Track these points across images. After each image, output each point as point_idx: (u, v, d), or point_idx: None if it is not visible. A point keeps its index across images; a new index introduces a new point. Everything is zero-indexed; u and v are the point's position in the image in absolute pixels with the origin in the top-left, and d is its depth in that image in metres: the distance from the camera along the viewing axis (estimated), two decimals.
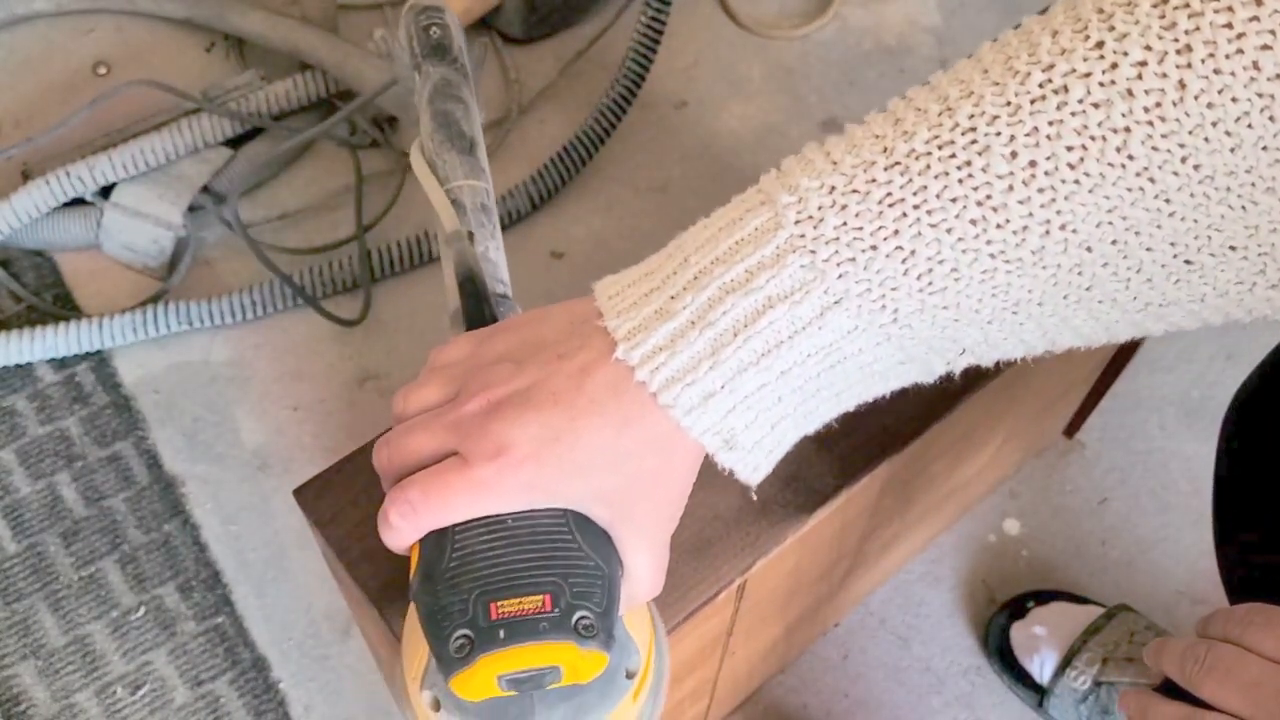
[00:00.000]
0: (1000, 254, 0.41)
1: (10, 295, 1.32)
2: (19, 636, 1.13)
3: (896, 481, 0.80)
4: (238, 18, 1.43)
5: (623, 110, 1.38)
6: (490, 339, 0.49)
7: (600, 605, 0.45)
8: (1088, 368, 1.10)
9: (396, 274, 1.34)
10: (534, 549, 0.44)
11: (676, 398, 0.43)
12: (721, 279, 0.43)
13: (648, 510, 0.46)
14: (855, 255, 0.41)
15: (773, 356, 0.43)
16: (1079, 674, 1.05)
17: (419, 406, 0.48)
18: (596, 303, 0.46)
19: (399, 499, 0.45)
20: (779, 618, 0.90)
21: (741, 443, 0.45)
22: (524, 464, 0.44)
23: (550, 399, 0.44)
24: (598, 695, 0.48)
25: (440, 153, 0.69)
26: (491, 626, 0.43)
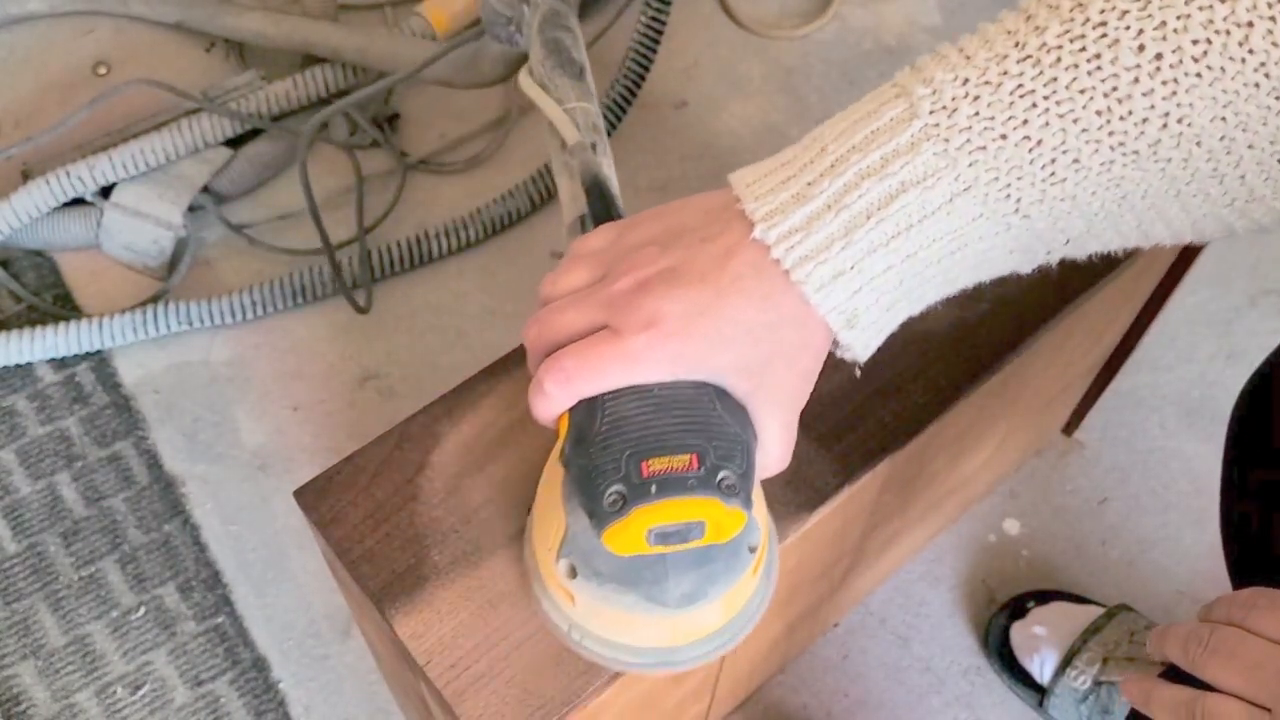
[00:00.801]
0: (1120, 145, 0.43)
1: (10, 295, 1.32)
2: (19, 636, 1.13)
3: (896, 479, 0.80)
4: (233, 19, 1.42)
5: (623, 110, 1.38)
6: (633, 227, 0.52)
7: (740, 468, 0.48)
8: (1086, 365, 1.10)
9: (396, 274, 1.34)
10: (680, 414, 0.48)
11: (809, 275, 0.46)
12: (858, 165, 0.45)
13: (782, 384, 0.49)
14: (986, 144, 0.44)
15: (901, 239, 0.46)
16: (1079, 674, 1.05)
17: (567, 288, 0.52)
18: (734, 191, 0.49)
19: (554, 367, 0.49)
20: (779, 616, 0.90)
21: (862, 322, 0.48)
22: (673, 336, 0.47)
23: (697, 276, 0.47)
24: (724, 565, 0.53)
25: (552, 77, 0.74)
26: (644, 483, 0.47)
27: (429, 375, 1.28)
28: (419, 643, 0.60)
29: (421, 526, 0.64)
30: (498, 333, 1.31)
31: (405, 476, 0.66)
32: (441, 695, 0.59)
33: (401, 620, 0.61)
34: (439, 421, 0.68)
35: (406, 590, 0.62)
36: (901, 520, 0.97)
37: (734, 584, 0.54)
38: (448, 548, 0.63)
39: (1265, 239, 1.41)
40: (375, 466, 0.66)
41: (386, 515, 0.64)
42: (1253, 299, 1.37)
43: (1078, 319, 0.81)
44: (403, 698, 0.90)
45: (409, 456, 0.67)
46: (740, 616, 0.57)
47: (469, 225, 1.35)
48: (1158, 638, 0.59)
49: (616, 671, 0.59)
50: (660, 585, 0.52)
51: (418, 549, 0.63)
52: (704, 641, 0.57)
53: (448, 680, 0.59)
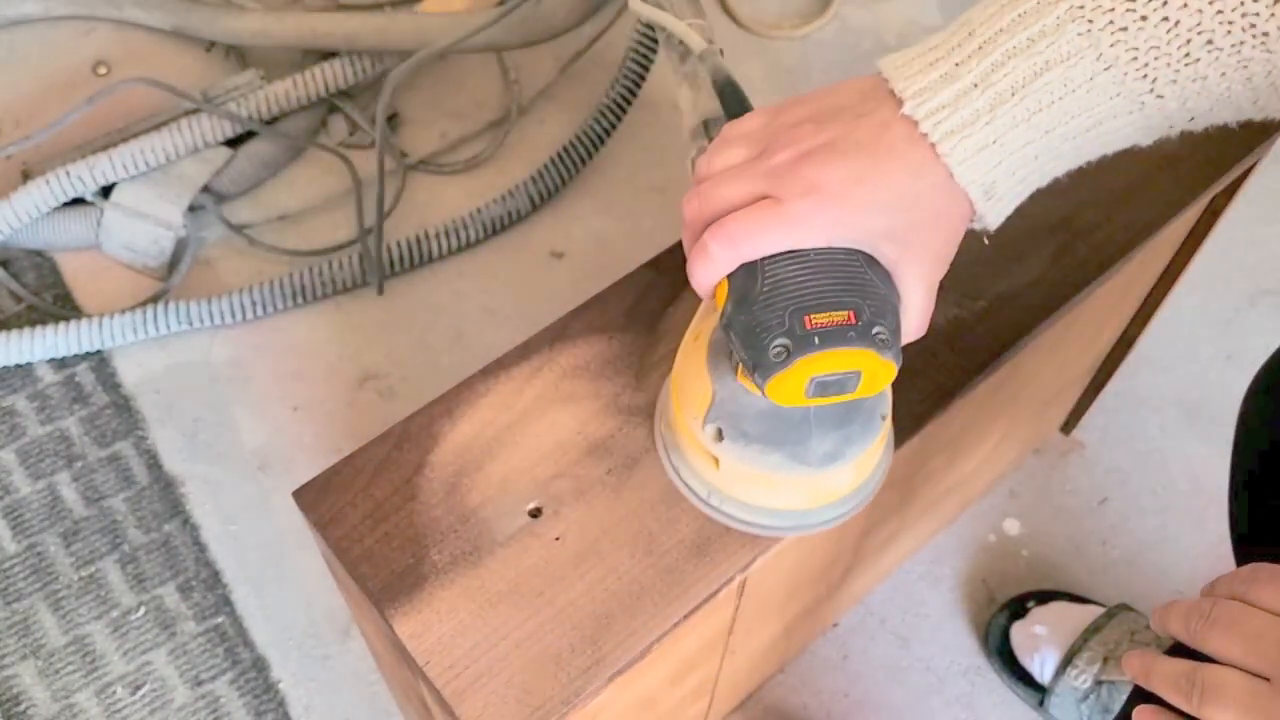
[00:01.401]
0: (1252, 26, 0.45)
1: (10, 295, 1.32)
2: (19, 636, 1.13)
3: (895, 478, 0.80)
4: (232, 21, 1.42)
5: (623, 110, 1.38)
6: (786, 109, 0.54)
7: (891, 325, 0.51)
8: (1084, 365, 1.10)
9: (397, 274, 1.34)
10: (836, 276, 0.51)
11: (954, 147, 0.49)
12: (1005, 45, 0.48)
13: (927, 251, 0.52)
14: (1127, 24, 0.46)
15: (1043, 115, 0.48)
16: (1079, 673, 1.05)
17: (724, 164, 0.54)
18: (883, 74, 0.51)
19: (718, 233, 0.52)
20: (779, 616, 0.90)
21: (998, 193, 0.51)
22: (833, 201, 0.50)
23: (855, 147, 0.50)
24: (861, 427, 0.58)
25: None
26: (807, 334, 0.50)
27: (429, 375, 1.28)
28: (418, 642, 0.60)
29: (421, 526, 0.64)
30: (498, 333, 1.31)
31: (404, 476, 0.66)
32: (441, 695, 0.59)
33: (401, 620, 0.61)
34: (438, 421, 0.68)
35: (406, 590, 0.62)
36: (900, 519, 0.97)
37: (868, 447, 0.59)
38: (447, 547, 0.63)
39: (1264, 239, 1.41)
40: (374, 466, 0.66)
41: (386, 515, 0.64)
42: (1253, 299, 1.37)
43: (1075, 318, 0.81)
44: (402, 698, 0.90)
45: (408, 456, 0.66)
46: (869, 481, 0.62)
47: (469, 225, 1.35)
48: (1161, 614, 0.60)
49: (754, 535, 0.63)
50: (804, 444, 0.57)
51: (417, 549, 0.63)
52: (836, 504, 0.61)
53: (447, 680, 0.59)
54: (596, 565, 0.63)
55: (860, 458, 0.59)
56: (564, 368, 0.70)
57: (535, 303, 1.32)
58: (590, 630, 0.61)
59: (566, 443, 0.67)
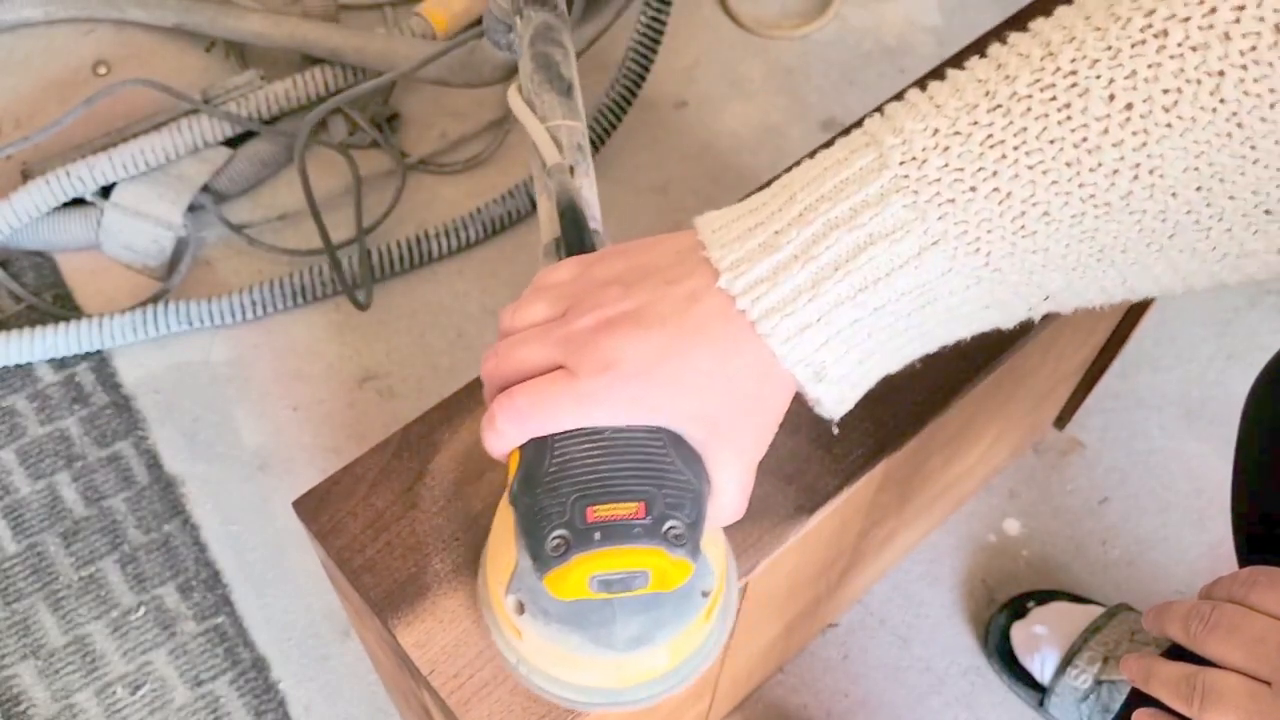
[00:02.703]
0: (1091, 197, 0.42)
1: (10, 295, 1.32)
2: (19, 636, 1.13)
3: (893, 479, 0.81)
4: (234, 21, 1.42)
5: (623, 110, 1.37)
6: (598, 262, 0.51)
7: (689, 518, 0.47)
8: (1077, 361, 1.10)
9: (396, 274, 1.34)
10: (630, 460, 0.47)
11: (775, 327, 0.45)
12: (826, 215, 0.45)
13: (740, 433, 0.48)
14: (955, 196, 0.43)
15: (869, 292, 0.45)
16: (1080, 673, 1.05)
17: (527, 322, 0.50)
18: (699, 236, 0.48)
19: (507, 405, 0.48)
20: (778, 616, 0.91)
21: (831, 375, 0.47)
22: (630, 379, 0.46)
23: (658, 320, 0.46)
24: (674, 610, 0.52)
25: (539, 93, 0.72)
26: (588, 528, 0.46)
27: (429, 375, 1.28)
28: (422, 652, 0.60)
29: (422, 535, 0.64)
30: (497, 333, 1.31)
31: (404, 485, 0.66)
32: (446, 704, 0.59)
33: (404, 630, 0.61)
34: (437, 429, 0.68)
35: (408, 599, 0.62)
36: (898, 519, 0.97)
37: (684, 628, 0.53)
38: (449, 555, 0.63)
39: None
40: (374, 475, 0.66)
41: (387, 524, 0.64)
42: (1253, 299, 1.37)
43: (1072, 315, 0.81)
44: (403, 704, 0.90)
45: (408, 464, 0.66)
46: (691, 660, 0.56)
47: (469, 225, 1.35)
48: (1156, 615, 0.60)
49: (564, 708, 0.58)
50: (607, 628, 0.51)
51: (419, 557, 0.63)
52: (651, 684, 0.56)
53: (452, 689, 0.59)
54: None
55: (675, 639, 0.53)
56: None
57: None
58: None
59: None
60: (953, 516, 1.21)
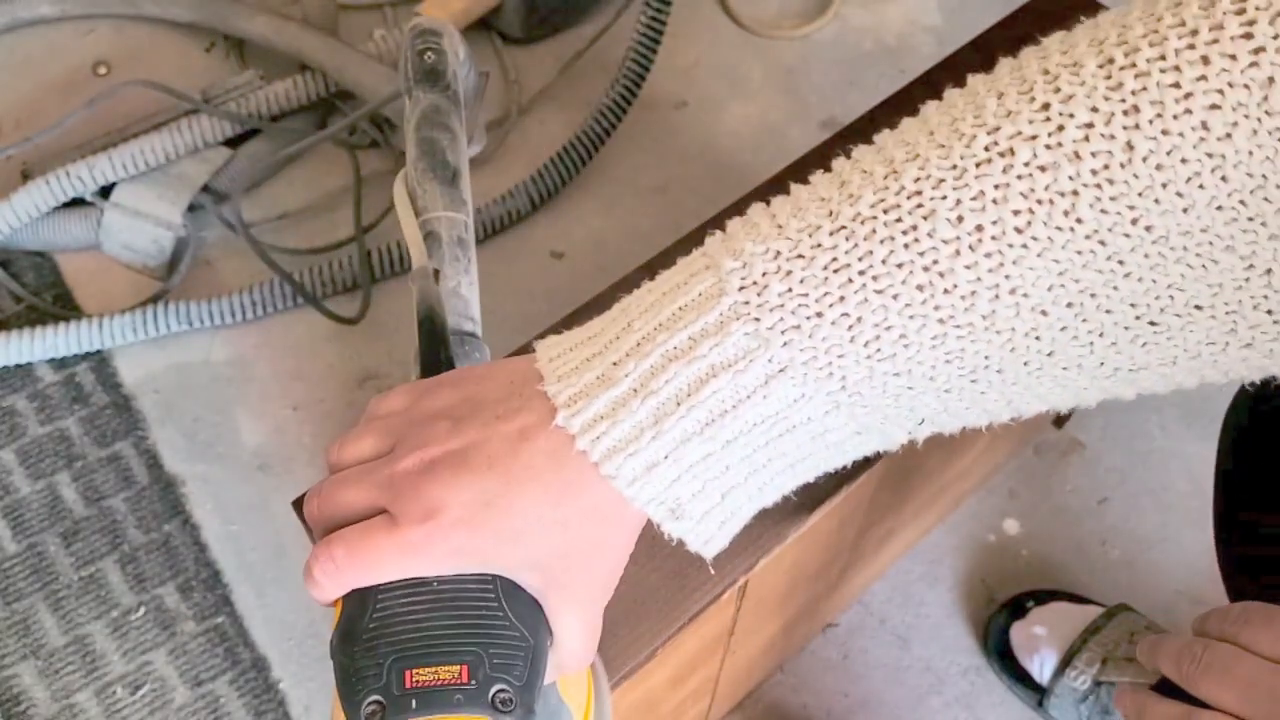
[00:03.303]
0: (949, 319, 0.40)
1: (10, 295, 1.32)
2: (19, 636, 1.13)
3: (892, 477, 0.81)
4: (242, 21, 1.43)
5: (623, 110, 1.38)
6: (430, 393, 0.47)
7: (521, 678, 0.43)
8: None
9: (396, 274, 1.34)
10: (456, 615, 0.43)
11: (619, 468, 0.42)
12: (664, 346, 0.42)
13: (582, 579, 0.45)
14: (800, 323, 0.40)
15: (717, 426, 0.42)
16: (1079, 674, 1.05)
17: (354, 458, 0.47)
18: (537, 364, 0.45)
19: (323, 555, 0.44)
20: (778, 615, 0.91)
21: (689, 512, 0.44)
22: (454, 528, 0.42)
23: (485, 462, 0.43)
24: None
25: (422, 181, 0.68)
26: (405, 695, 0.42)
27: None
28: None
29: None
30: (497, 333, 1.30)
31: None
32: None
33: None
34: None
35: None
36: (896, 518, 0.97)
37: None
38: None
39: None
40: None
41: None
42: None
43: None
44: None
45: None
46: None
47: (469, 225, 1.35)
48: (1149, 650, 0.59)
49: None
50: None
51: None
52: None
53: None
54: None
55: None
56: None
57: (535, 303, 1.32)
58: None
59: None
60: (953, 516, 1.21)
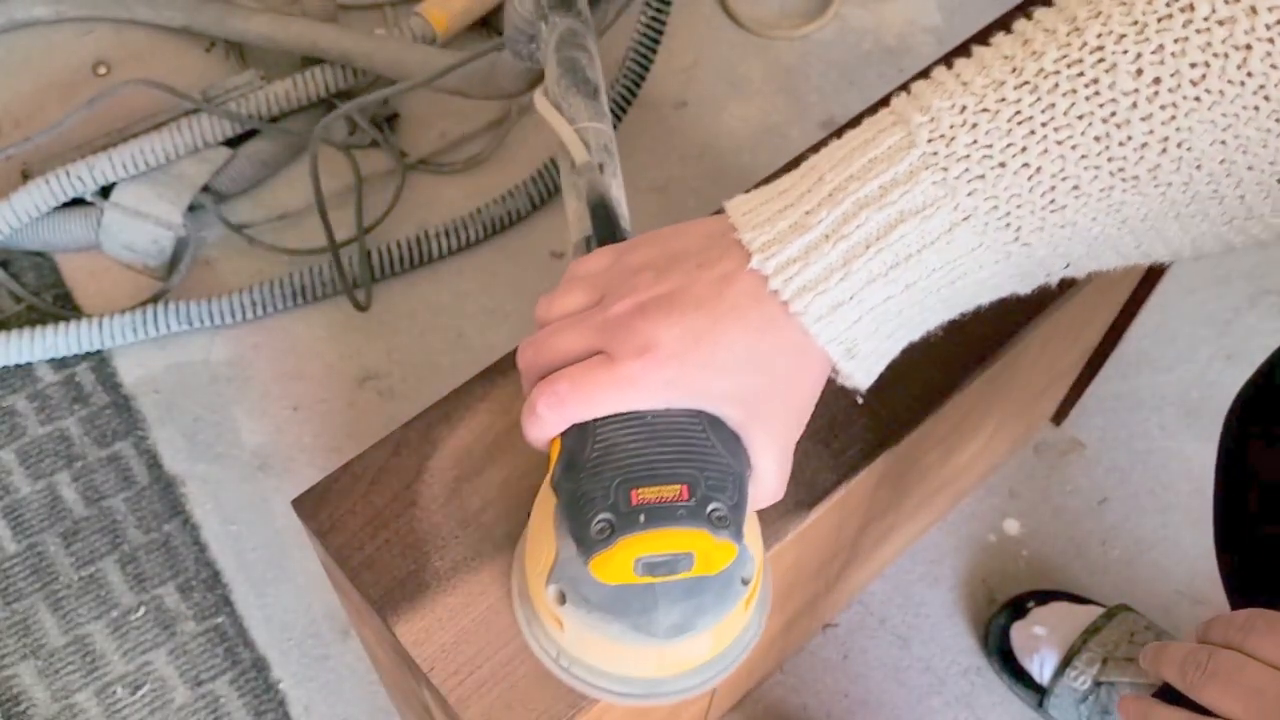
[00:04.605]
0: (1120, 171, 0.43)
1: (10, 295, 1.32)
2: (19, 636, 1.13)
3: (891, 475, 0.81)
4: (240, 22, 1.42)
5: (623, 110, 1.38)
6: (631, 250, 0.51)
7: (732, 500, 0.47)
8: (1073, 356, 1.10)
9: (396, 274, 1.34)
10: (672, 443, 0.47)
11: (807, 306, 0.46)
12: (856, 194, 0.45)
13: (778, 413, 0.49)
14: (984, 172, 0.43)
15: (900, 269, 0.45)
16: (1079, 674, 1.05)
17: (562, 311, 0.51)
18: (730, 219, 0.49)
19: (547, 391, 0.49)
20: (778, 613, 0.91)
21: (862, 351, 0.48)
22: (668, 362, 0.47)
23: (694, 303, 0.47)
24: (715, 596, 0.52)
25: (566, 97, 0.74)
26: (632, 511, 0.46)
27: (429, 375, 1.28)
28: (422, 649, 0.60)
29: (421, 532, 0.64)
30: (498, 333, 1.31)
31: (403, 483, 0.66)
32: (446, 701, 0.59)
33: (404, 627, 0.61)
34: (436, 426, 0.68)
35: (408, 597, 0.62)
36: (895, 515, 0.97)
37: (725, 616, 0.53)
38: (448, 553, 0.63)
39: None
40: (373, 473, 0.66)
41: (385, 522, 0.64)
42: (1253, 299, 1.37)
43: (1067, 310, 0.82)
44: (402, 703, 0.90)
45: (406, 462, 0.66)
46: (731, 649, 0.56)
47: (469, 225, 1.35)
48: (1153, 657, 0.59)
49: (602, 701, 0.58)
50: (649, 615, 0.51)
51: (418, 555, 0.63)
52: (692, 673, 0.56)
53: (452, 686, 0.59)
54: None
55: (716, 627, 0.54)
56: None
57: (535, 303, 1.32)
58: None
59: None
60: (953, 517, 1.21)
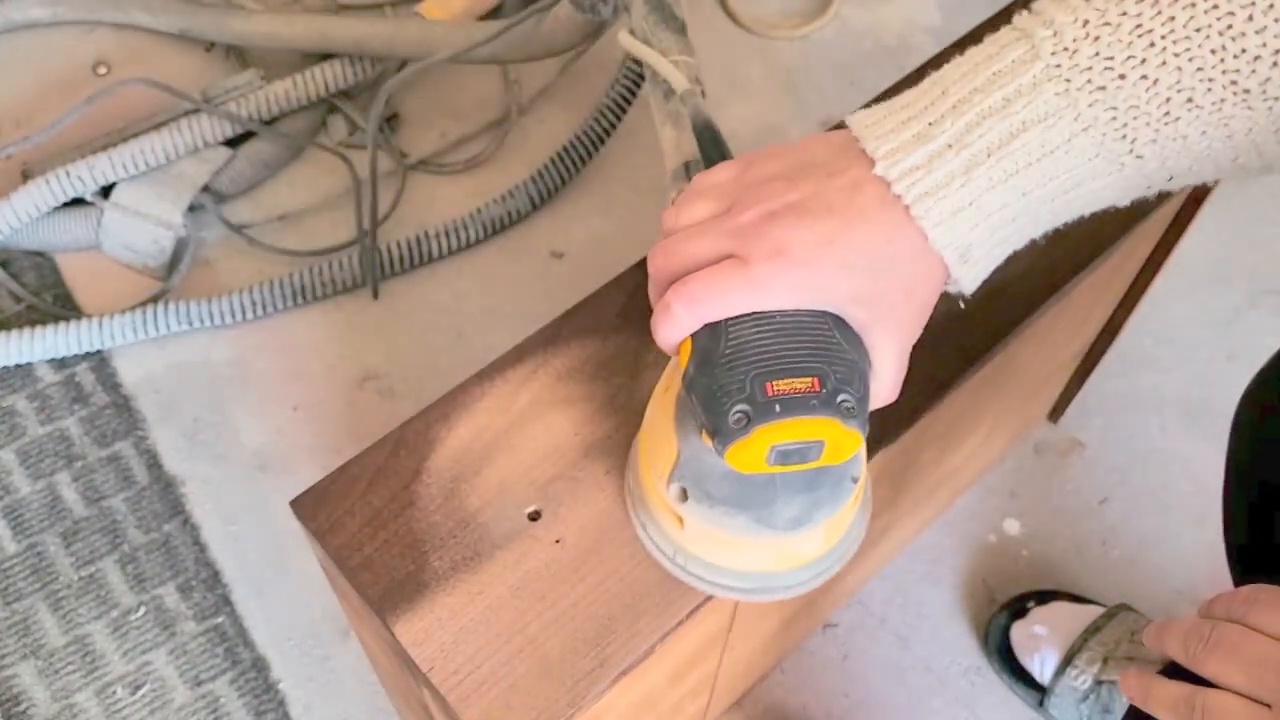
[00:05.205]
0: (1233, 84, 0.44)
1: (10, 295, 1.32)
2: (19, 636, 1.13)
3: (888, 472, 0.81)
4: (240, 24, 1.42)
5: (623, 110, 1.38)
6: (757, 162, 0.53)
7: (858, 392, 0.50)
8: (1069, 353, 1.10)
9: (396, 274, 1.34)
10: (801, 340, 0.49)
11: (929, 210, 0.48)
12: (980, 105, 0.47)
13: (898, 316, 0.51)
14: (1106, 84, 0.45)
15: (1020, 176, 0.47)
16: (1079, 673, 1.05)
17: (691, 220, 0.53)
18: (853, 132, 0.50)
19: (682, 292, 0.50)
20: (776, 611, 0.91)
21: (974, 257, 0.50)
22: (800, 264, 0.49)
23: (825, 208, 0.49)
24: (830, 491, 0.56)
25: (655, 32, 0.78)
26: (768, 401, 0.48)
27: (429, 375, 1.28)
28: (421, 649, 0.60)
29: (420, 532, 0.64)
30: (497, 333, 1.31)
31: (402, 483, 0.66)
32: (446, 701, 0.59)
33: (403, 627, 0.61)
34: (434, 427, 0.68)
35: (407, 597, 0.62)
36: (892, 513, 0.97)
37: (838, 510, 0.57)
38: (447, 553, 0.63)
39: (1265, 239, 1.41)
40: (371, 474, 0.66)
41: (384, 522, 0.64)
42: (1253, 299, 1.37)
43: (1063, 308, 0.82)
44: (402, 703, 0.90)
45: (405, 463, 0.66)
46: (840, 545, 0.60)
47: (469, 225, 1.35)
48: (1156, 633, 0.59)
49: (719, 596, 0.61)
50: (770, 508, 0.55)
51: (417, 555, 0.63)
52: (806, 568, 0.59)
53: (452, 686, 0.59)
54: (597, 567, 0.63)
55: (830, 521, 0.57)
56: (559, 370, 0.70)
57: (535, 303, 1.32)
58: (593, 632, 0.61)
59: (564, 444, 0.67)
60: (953, 517, 1.21)
